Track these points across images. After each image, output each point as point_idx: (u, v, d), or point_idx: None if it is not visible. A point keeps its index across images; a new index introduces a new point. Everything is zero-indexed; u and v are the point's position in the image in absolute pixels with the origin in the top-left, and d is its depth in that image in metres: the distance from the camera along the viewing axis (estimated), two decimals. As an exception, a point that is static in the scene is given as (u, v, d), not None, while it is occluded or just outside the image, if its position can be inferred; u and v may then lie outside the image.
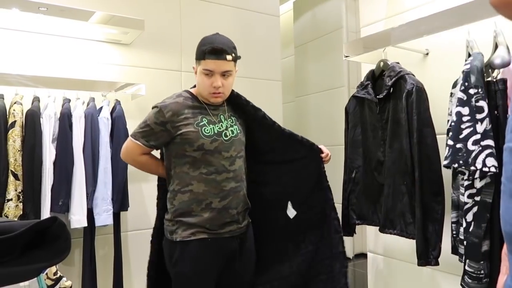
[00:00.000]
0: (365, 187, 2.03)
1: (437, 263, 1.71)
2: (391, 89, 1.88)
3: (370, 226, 2.17)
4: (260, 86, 3.53)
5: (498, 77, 1.51)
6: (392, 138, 1.88)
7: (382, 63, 1.98)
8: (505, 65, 1.48)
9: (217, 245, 1.56)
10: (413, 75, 1.86)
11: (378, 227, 2.01)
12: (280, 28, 3.80)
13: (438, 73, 1.98)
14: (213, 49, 1.50)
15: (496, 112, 1.45)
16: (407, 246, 2.19)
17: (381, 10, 2.37)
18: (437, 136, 1.78)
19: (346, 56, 2.20)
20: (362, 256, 3.95)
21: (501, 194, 0.68)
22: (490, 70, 1.52)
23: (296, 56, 4.88)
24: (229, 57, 1.51)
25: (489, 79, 1.53)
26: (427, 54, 2.08)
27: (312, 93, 4.59)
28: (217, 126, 1.58)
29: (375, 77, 2.03)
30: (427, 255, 1.71)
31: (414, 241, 2.10)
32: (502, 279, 0.94)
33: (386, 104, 1.92)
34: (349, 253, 4.10)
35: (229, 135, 1.59)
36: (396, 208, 1.84)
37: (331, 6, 4.34)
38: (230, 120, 1.63)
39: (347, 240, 3.95)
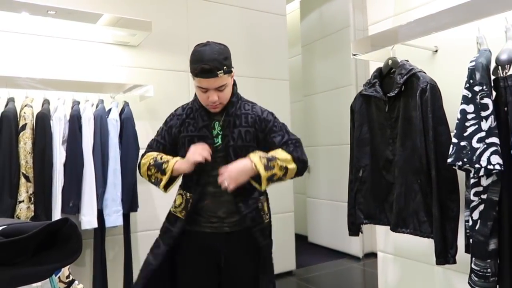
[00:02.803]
0: (373, 186, 2.02)
1: (454, 261, 1.70)
2: (403, 87, 1.86)
3: (372, 226, 2.15)
4: (268, 85, 3.53)
5: (509, 73, 1.49)
6: (403, 137, 1.85)
7: (390, 61, 1.96)
8: (511, 60, 1.46)
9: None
10: (424, 72, 1.85)
11: (387, 226, 1.99)
12: (287, 27, 3.79)
13: (447, 71, 1.96)
14: (203, 70, 1.49)
15: (505, 108, 1.44)
16: (418, 245, 2.17)
17: (389, 7, 2.35)
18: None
19: (354, 55, 2.19)
20: (372, 255, 3.93)
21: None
22: (500, 66, 1.50)
23: (303, 55, 4.87)
24: (220, 73, 1.50)
25: (500, 75, 1.50)
26: (436, 51, 2.06)
27: (320, 92, 4.57)
28: None
29: (383, 75, 2.01)
30: (446, 254, 1.70)
31: (425, 240, 2.09)
32: None
33: (396, 102, 1.90)
34: (359, 253, 4.08)
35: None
36: (408, 207, 1.83)
37: (338, 5, 4.33)
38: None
39: (357, 239, 3.98)
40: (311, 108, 4.73)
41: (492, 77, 1.53)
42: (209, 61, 1.48)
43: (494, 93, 1.52)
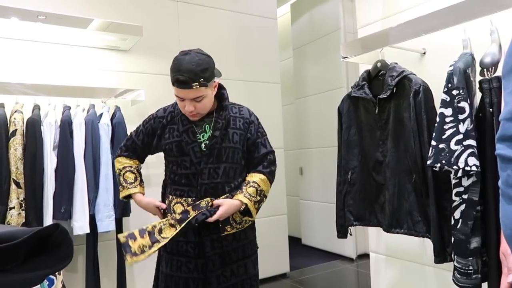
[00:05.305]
0: (362, 188, 2.03)
1: (452, 259, 1.73)
2: (394, 89, 1.88)
3: (365, 227, 2.16)
4: (259, 89, 3.55)
5: (493, 75, 1.52)
6: (395, 138, 1.87)
7: (379, 64, 1.98)
8: (494, 63, 1.49)
9: None
10: (415, 74, 1.87)
11: (378, 227, 2.01)
12: (278, 31, 3.82)
13: (435, 73, 1.99)
14: (178, 80, 1.50)
15: (491, 109, 1.47)
16: (409, 245, 2.20)
17: (377, 11, 2.38)
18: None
19: (344, 57, 2.21)
20: (366, 256, 3.95)
21: (499, 198, 0.69)
22: (485, 68, 1.53)
23: (295, 58, 4.89)
24: (195, 85, 1.49)
25: (485, 77, 1.53)
26: (424, 53, 2.09)
27: (311, 95, 4.60)
28: None
29: (371, 77, 2.03)
30: (444, 252, 1.72)
31: (416, 240, 2.11)
32: (504, 280, 0.95)
33: (386, 104, 1.92)
34: (352, 254, 4.10)
35: None
36: (402, 207, 1.85)
37: (328, 8, 4.36)
38: None
39: (350, 240, 4.00)
40: (302, 111, 4.75)
41: (478, 79, 1.56)
42: (184, 72, 1.49)
43: (480, 95, 1.55)
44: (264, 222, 3.36)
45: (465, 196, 1.51)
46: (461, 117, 1.48)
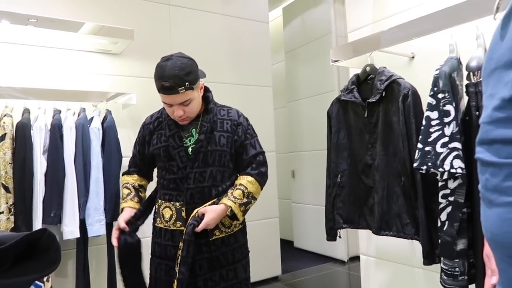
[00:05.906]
0: (352, 191, 2.04)
1: (440, 261, 1.75)
2: (383, 92, 1.90)
3: (356, 229, 2.18)
4: (251, 92, 3.56)
5: (480, 79, 1.54)
6: (384, 141, 1.89)
7: (368, 68, 2.00)
8: (480, 67, 1.52)
9: None
10: (403, 78, 1.89)
11: (368, 230, 2.02)
12: (270, 34, 3.83)
13: (424, 77, 2.01)
14: (163, 87, 1.50)
15: (477, 113, 1.49)
16: (399, 248, 2.22)
17: (367, 15, 2.40)
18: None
19: (335, 61, 2.22)
20: (357, 259, 3.96)
21: (480, 202, 0.71)
22: (471, 72, 1.56)
23: (287, 62, 4.91)
24: (181, 89, 1.50)
25: (472, 81, 1.56)
26: (413, 57, 2.11)
27: (303, 98, 4.62)
28: None
29: (360, 81, 2.05)
30: (433, 254, 1.74)
31: (406, 242, 2.13)
32: (488, 282, 0.96)
33: (375, 108, 1.95)
34: (344, 257, 4.12)
35: None
36: (391, 210, 1.87)
37: (320, 12, 4.40)
38: None
39: (342, 243, 4.01)
40: (294, 114, 4.77)
41: (465, 83, 1.59)
42: (169, 78, 1.49)
43: (466, 98, 1.58)
44: (256, 225, 3.36)
45: (451, 198, 1.54)
46: (446, 120, 1.50)
